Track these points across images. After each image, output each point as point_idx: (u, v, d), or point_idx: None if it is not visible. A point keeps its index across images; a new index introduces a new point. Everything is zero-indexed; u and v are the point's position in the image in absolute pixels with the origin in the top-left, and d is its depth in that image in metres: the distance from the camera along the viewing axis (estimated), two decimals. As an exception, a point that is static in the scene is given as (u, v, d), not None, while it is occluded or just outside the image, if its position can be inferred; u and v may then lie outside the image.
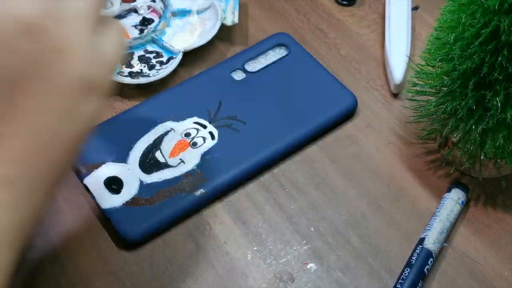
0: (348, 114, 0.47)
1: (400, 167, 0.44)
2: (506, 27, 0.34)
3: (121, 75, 0.48)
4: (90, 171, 0.43)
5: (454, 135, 0.42)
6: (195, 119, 0.46)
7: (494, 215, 0.42)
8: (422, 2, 0.56)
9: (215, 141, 0.44)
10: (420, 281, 0.38)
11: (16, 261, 0.27)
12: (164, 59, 0.50)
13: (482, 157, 0.39)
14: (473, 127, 0.38)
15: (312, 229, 0.41)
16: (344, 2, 0.56)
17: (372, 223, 0.42)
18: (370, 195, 0.43)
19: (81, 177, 0.43)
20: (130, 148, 0.44)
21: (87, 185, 0.42)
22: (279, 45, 0.50)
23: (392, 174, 0.44)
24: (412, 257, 0.39)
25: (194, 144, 0.44)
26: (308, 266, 0.40)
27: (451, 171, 0.44)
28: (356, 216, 0.42)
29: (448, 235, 0.41)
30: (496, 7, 0.34)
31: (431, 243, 0.39)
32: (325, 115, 0.46)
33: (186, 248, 0.40)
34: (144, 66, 0.49)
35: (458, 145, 0.42)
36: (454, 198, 0.41)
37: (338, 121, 0.46)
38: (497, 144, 0.38)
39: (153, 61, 0.50)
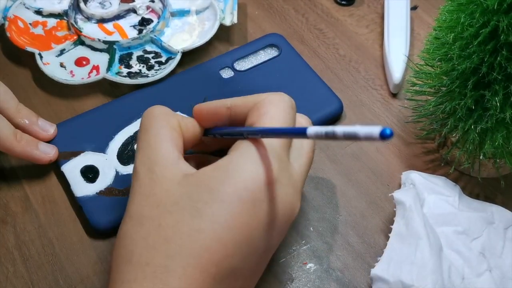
0: (334, 118, 0.47)
1: (399, 167, 0.44)
2: (505, 27, 0.34)
3: (120, 76, 0.48)
4: (68, 158, 0.43)
5: (453, 135, 0.42)
6: (178, 113, 0.46)
7: (493, 215, 0.42)
8: (421, 2, 0.56)
9: None
10: None
11: None
12: (163, 59, 0.50)
13: (481, 157, 0.39)
14: (472, 127, 0.38)
15: (311, 229, 0.41)
16: (343, 2, 0.56)
17: (371, 223, 0.42)
18: (369, 195, 0.43)
19: (59, 163, 0.43)
20: (110, 138, 0.45)
21: (63, 172, 0.43)
22: (271, 45, 0.50)
23: (391, 174, 0.44)
24: None
25: None
26: (308, 266, 0.40)
27: (450, 171, 0.44)
28: (355, 216, 0.42)
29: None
30: (495, 7, 0.34)
31: None
32: (311, 118, 0.46)
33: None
34: (143, 66, 0.49)
35: (457, 145, 0.42)
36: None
37: (323, 124, 0.46)
38: (496, 144, 0.38)
39: (152, 61, 0.50)
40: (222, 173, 0.31)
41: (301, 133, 0.28)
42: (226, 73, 0.49)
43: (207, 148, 0.39)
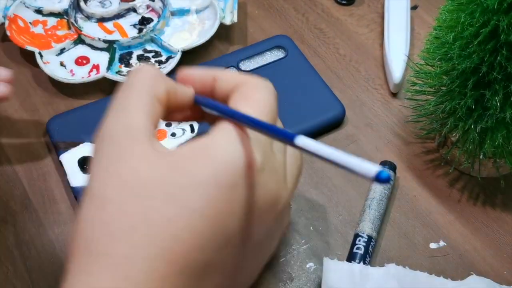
0: (335, 124, 0.47)
1: (399, 166, 0.44)
2: (505, 26, 0.34)
3: (120, 75, 0.48)
4: (67, 148, 0.44)
5: (453, 135, 0.42)
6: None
7: (493, 215, 0.42)
8: (421, 2, 0.56)
9: (194, 134, 0.45)
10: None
11: None
12: (163, 58, 0.50)
13: (481, 157, 0.39)
14: (472, 126, 0.38)
15: (311, 228, 0.41)
16: (343, 2, 0.56)
17: (371, 222, 0.42)
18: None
19: (58, 153, 0.44)
20: None
21: (62, 161, 0.43)
22: (278, 47, 0.50)
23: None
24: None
25: (173, 135, 0.45)
26: (307, 266, 0.40)
27: (450, 170, 0.44)
28: (355, 216, 0.42)
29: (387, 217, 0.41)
30: (495, 6, 0.34)
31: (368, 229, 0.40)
32: (311, 122, 0.46)
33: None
34: (143, 66, 0.49)
35: (457, 145, 0.42)
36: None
37: (325, 128, 0.46)
38: (496, 143, 0.38)
39: (152, 60, 0.50)
40: (200, 154, 0.28)
41: (288, 138, 0.26)
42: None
43: (189, 118, 0.35)
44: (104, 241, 0.26)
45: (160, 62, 0.49)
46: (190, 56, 0.51)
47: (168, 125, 0.45)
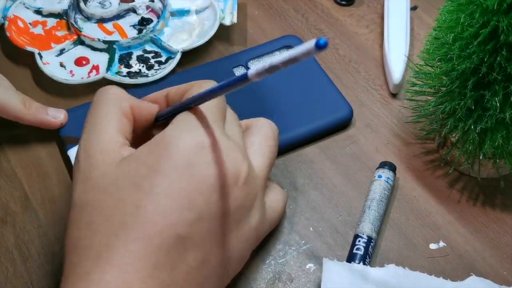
0: (343, 124, 0.47)
1: (399, 167, 0.44)
2: (505, 27, 0.34)
3: (119, 75, 0.48)
4: (75, 143, 0.44)
5: (453, 135, 0.42)
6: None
7: (493, 215, 0.42)
8: (421, 2, 0.56)
9: None
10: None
11: None
12: (163, 59, 0.50)
13: (481, 157, 0.39)
14: (472, 127, 0.38)
15: (311, 229, 0.41)
16: (342, 2, 0.56)
17: (371, 223, 0.42)
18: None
19: (65, 148, 0.44)
20: None
21: (69, 156, 0.43)
22: (287, 47, 0.50)
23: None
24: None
25: None
26: (307, 266, 0.40)
27: (450, 171, 0.44)
28: (355, 216, 0.42)
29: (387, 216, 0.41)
30: (495, 7, 0.34)
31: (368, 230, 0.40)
32: (320, 122, 0.46)
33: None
34: (143, 66, 0.49)
35: (457, 145, 0.42)
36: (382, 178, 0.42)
37: (332, 129, 0.46)
38: (496, 144, 0.38)
39: (152, 61, 0.50)
40: (157, 146, 0.31)
41: (243, 78, 0.28)
42: (240, 72, 0.49)
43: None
44: (88, 237, 0.30)
45: (160, 63, 0.49)
46: (190, 57, 0.51)
47: None
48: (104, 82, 0.48)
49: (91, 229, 0.31)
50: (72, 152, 0.43)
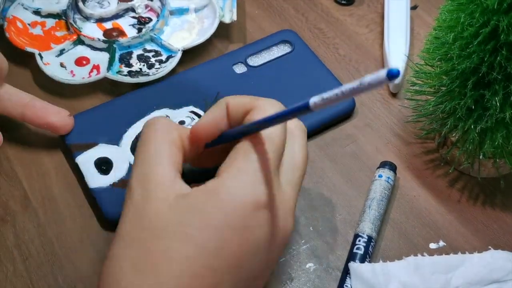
0: (345, 115, 0.47)
1: (399, 166, 0.44)
2: (505, 26, 0.34)
3: (120, 75, 0.48)
4: (82, 150, 0.43)
5: (453, 135, 0.42)
6: (191, 108, 0.46)
7: (493, 215, 0.42)
8: (421, 2, 0.56)
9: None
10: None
11: None
12: (163, 57, 0.50)
13: (481, 157, 0.39)
14: (472, 126, 0.38)
15: (311, 228, 0.41)
16: (343, 2, 0.56)
17: (371, 222, 0.42)
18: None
19: (73, 155, 0.43)
20: (124, 131, 0.45)
21: (78, 163, 0.43)
22: (284, 41, 0.51)
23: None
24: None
25: (182, 123, 0.45)
26: (307, 266, 0.40)
27: (450, 171, 0.44)
28: (355, 216, 0.42)
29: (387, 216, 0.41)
30: (495, 7, 0.34)
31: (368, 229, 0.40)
32: (322, 114, 0.46)
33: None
34: (144, 65, 0.49)
35: (457, 145, 0.42)
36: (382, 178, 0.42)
37: (335, 121, 0.46)
38: (496, 143, 0.38)
39: (152, 60, 0.50)
40: (212, 197, 0.31)
41: (303, 107, 0.26)
42: (239, 69, 0.49)
43: (206, 164, 0.38)
44: (132, 278, 0.30)
45: (160, 62, 0.49)
46: (190, 55, 0.51)
47: (181, 123, 0.45)
48: (105, 81, 0.48)
49: (137, 271, 0.30)
50: (80, 159, 0.43)
